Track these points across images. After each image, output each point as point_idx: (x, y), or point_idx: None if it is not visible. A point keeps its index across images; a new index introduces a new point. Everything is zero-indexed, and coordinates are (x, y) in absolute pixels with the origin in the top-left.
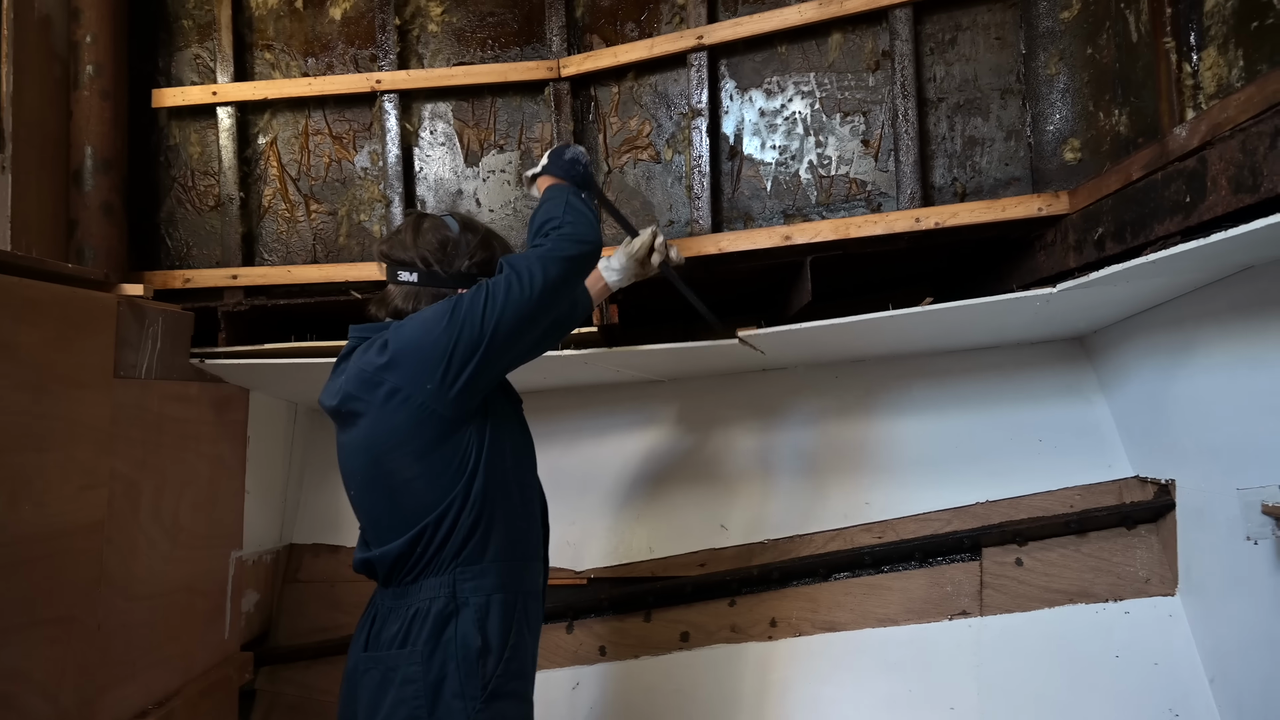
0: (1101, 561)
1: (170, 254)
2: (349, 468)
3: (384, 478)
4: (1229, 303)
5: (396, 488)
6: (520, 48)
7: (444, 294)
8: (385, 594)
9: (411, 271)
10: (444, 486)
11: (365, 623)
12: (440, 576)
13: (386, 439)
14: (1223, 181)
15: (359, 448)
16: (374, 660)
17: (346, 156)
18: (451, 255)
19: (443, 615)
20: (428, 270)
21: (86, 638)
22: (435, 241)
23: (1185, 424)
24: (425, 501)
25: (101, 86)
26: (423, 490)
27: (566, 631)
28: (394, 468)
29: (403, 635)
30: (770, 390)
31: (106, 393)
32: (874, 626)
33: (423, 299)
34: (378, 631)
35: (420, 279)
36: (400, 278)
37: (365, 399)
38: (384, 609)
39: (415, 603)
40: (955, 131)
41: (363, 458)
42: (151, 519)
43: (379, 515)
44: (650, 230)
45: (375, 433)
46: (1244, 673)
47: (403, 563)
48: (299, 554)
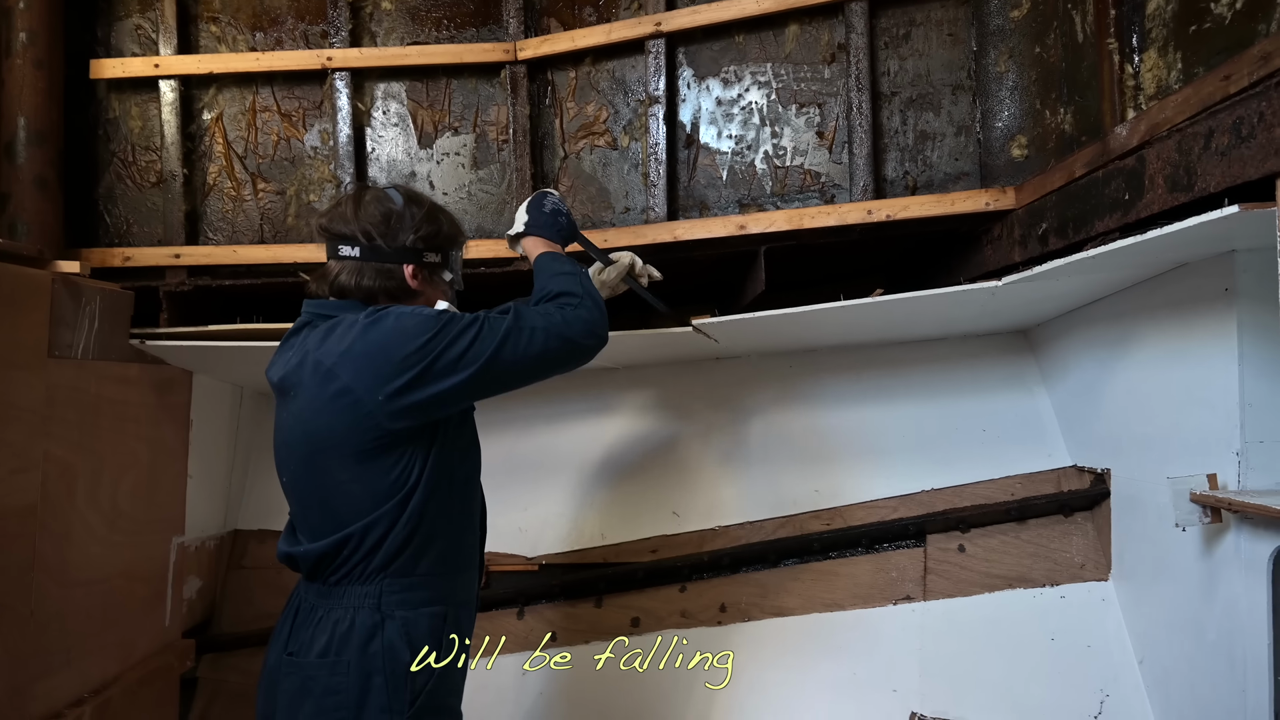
0: (1040, 548)
1: (109, 231)
2: (284, 451)
3: (318, 473)
4: (1164, 298)
5: (329, 486)
6: (476, 29)
7: (389, 269)
8: (309, 589)
9: (353, 246)
10: (379, 496)
11: (288, 615)
12: (367, 585)
13: (326, 436)
14: (1159, 180)
15: (297, 437)
16: (294, 666)
17: (296, 135)
18: (395, 229)
19: (369, 627)
20: (370, 244)
21: (19, 625)
22: (378, 214)
23: (1121, 415)
24: (357, 507)
25: (35, 55)
26: (357, 495)
27: (518, 617)
28: (329, 465)
29: (325, 645)
30: (724, 378)
31: (40, 373)
32: (821, 611)
33: (366, 274)
34: (299, 631)
35: (362, 253)
36: (341, 252)
37: (312, 388)
38: (306, 605)
39: (340, 610)
40: (908, 126)
41: (300, 448)
42: (88, 503)
43: (308, 509)
44: (628, 257)
45: (315, 426)
46: (1170, 654)
47: (326, 563)
48: (244, 540)
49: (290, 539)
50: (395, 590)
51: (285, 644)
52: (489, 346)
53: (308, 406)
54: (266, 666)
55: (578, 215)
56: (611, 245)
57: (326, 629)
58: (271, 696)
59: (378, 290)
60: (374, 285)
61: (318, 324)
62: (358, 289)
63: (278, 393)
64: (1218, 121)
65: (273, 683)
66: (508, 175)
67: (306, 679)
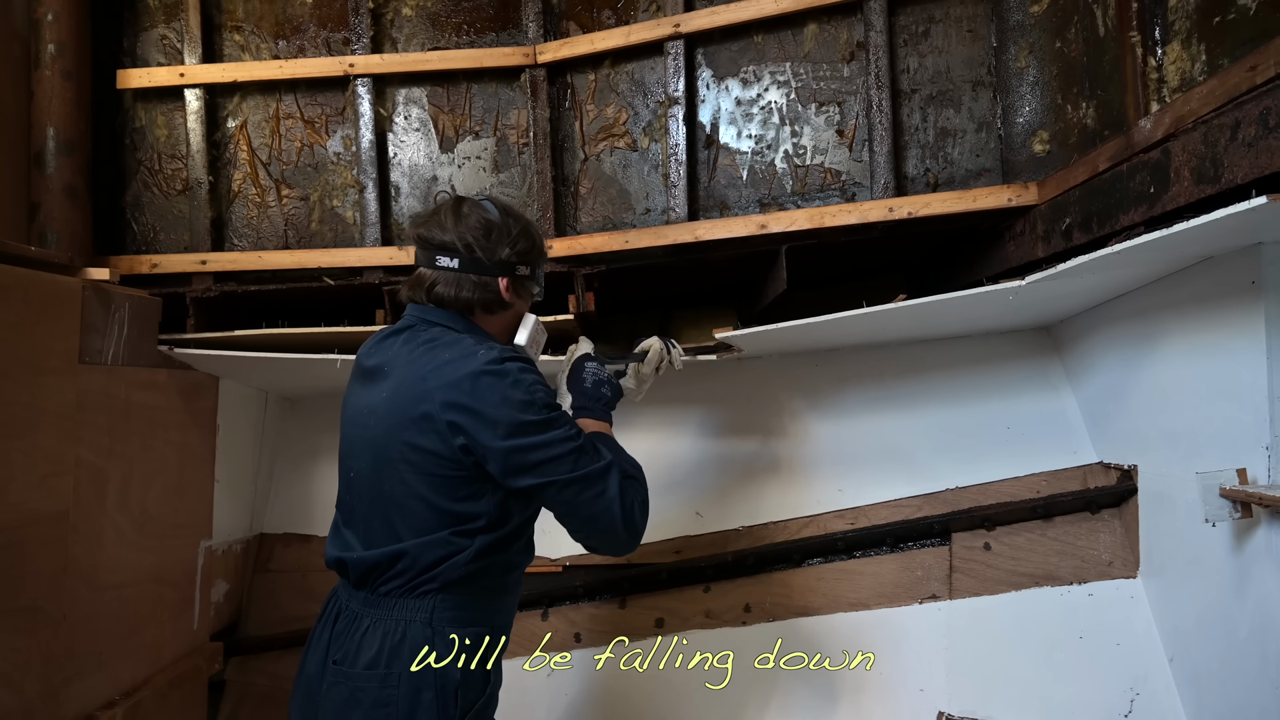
0: (1066, 545)
1: (136, 238)
2: (359, 445)
3: (389, 479)
4: (1190, 293)
5: (398, 495)
6: (496, 33)
7: (485, 281)
8: (354, 596)
9: (452, 256)
10: (445, 520)
11: (327, 621)
12: (420, 600)
13: (407, 449)
14: (1185, 173)
15: (376, 434)
16: (342, 676)
17: (319, 141)
18: (495, 242)
19: (420, 641)
20: (470, 256)
21: (52, 628)
22: (478, 226)
23: (1147, 411)
24: (419, 524)
25: (64, 66)
26: (421, 512)
27: (542, 619)
28: (403, 475)
29: (375, 658)
30: (745, 379)
31: (71, 379)
32: (846, 611)
33: (464, 286)
34: (345, 639)
35: (461, 265)
36: (439, 263)
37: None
38: (350, 612)
39: (389, 621)
40: (928, 123)
41: (377, 447)
42: (118, 508)
43: (371, 509)
44: (656, 350)
45: (399, 435)
46: (1202, 651)
47: (378, 574)
48: (270, 544)
49: (340, 542)
50: (448, 608)
51: (326, 651)
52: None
53: (396, 413)
54: (305, 674)
55: (598, 217)
56: (633, 246)
57: (376, 640)
58: (311, 704)
59: (475, 302)
60: (472, 297)
61: (422, 329)
62: (456, 300)
63: (363, 376)
64: (1244, 112)
65: (312, 691)
66: (528, 178)
67: (355, 690)
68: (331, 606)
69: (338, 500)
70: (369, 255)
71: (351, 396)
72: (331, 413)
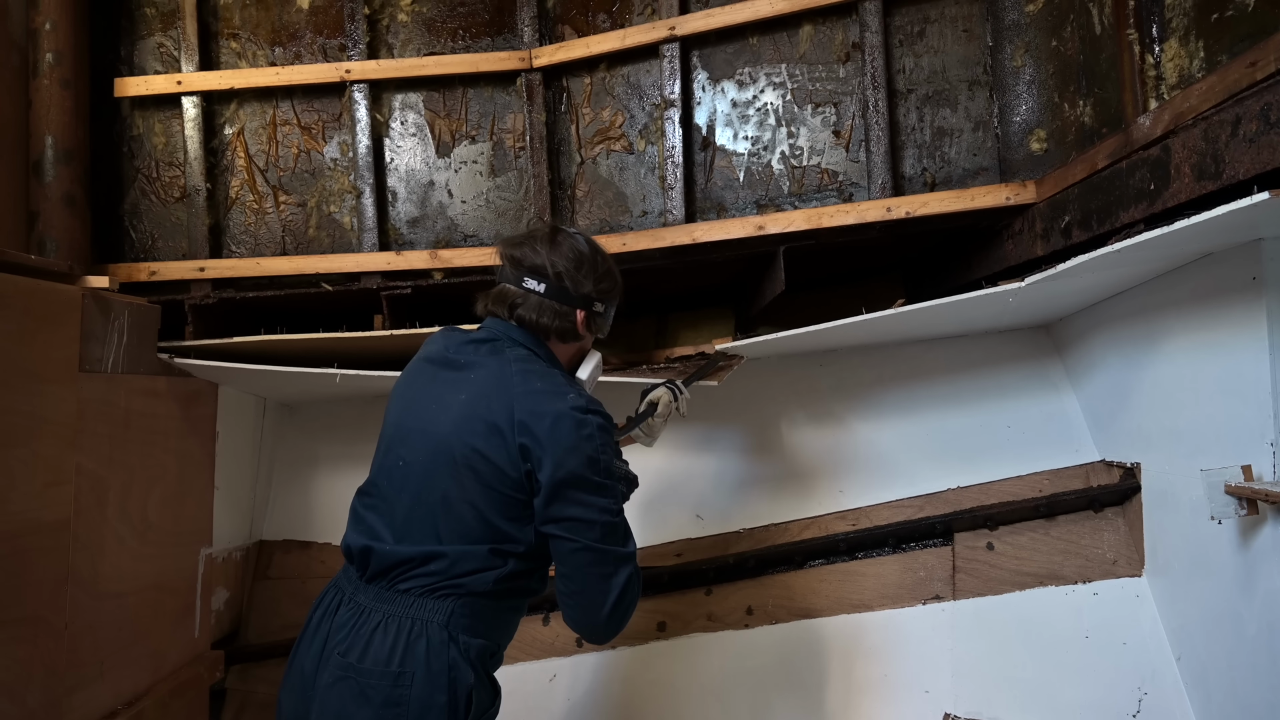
0: (1070, 544)
1: (135, 246)
2: (419, 437)
3: (444, 479)
4: (1190, 290)
5: (452, 495)
6: (491, 38)
7: (565, 311)
8: (365, 590)
9: (540, 281)
10: (489, 534)
11: (326, 612)
12: (440, 602)
13: (471, 454)
14: (1186, 169)
15: (445, 431)
16: (351, 671)
17: (316, 147)
18: (584, 275)
19: (439, 645)
20: (558, 285)
21: (53, 637)
22: (571, 256)
23: (1149, 408)
24: (464, 532)
25: (62, 75)
26: (470, 520)
27: (543, 623)
28: (464, 479)
29: (389, 655)
30: (745, 381)
31: (72, 387)
32: (849, 612)
33: (546, 312)
34: (350, 633)
35: (547, 290)
36: (527, 284)
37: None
38: (357, 606)
39: (406, 619)
40: (924, 122)
41: (437, 444)
42: (119, 516)
43: (412, 505)
44: (666, 402)
45: (472, 441)
46: (1209, 650)
47: (405, 569)
48: (269, 550)
49: (365, 529)
50: (465, 615)
51: (325, 644)
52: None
53: (473, 418)
54: (298, 665)
55: (595, 220)
56: (630, 249)
57: (389, 636)
58: (304, 697)
59: (553, 329)
60: (551, 324)
61: (507, 345)
62: (536, 324)
63: (439, 368)
64: (1245, 108)
65: (306, 684)
66: (525, 182)
67: (365, 687)
68: (331, 598)
69: (369, 485)
70: (367, 261)
71: (416, 387)
72: (330, 418)
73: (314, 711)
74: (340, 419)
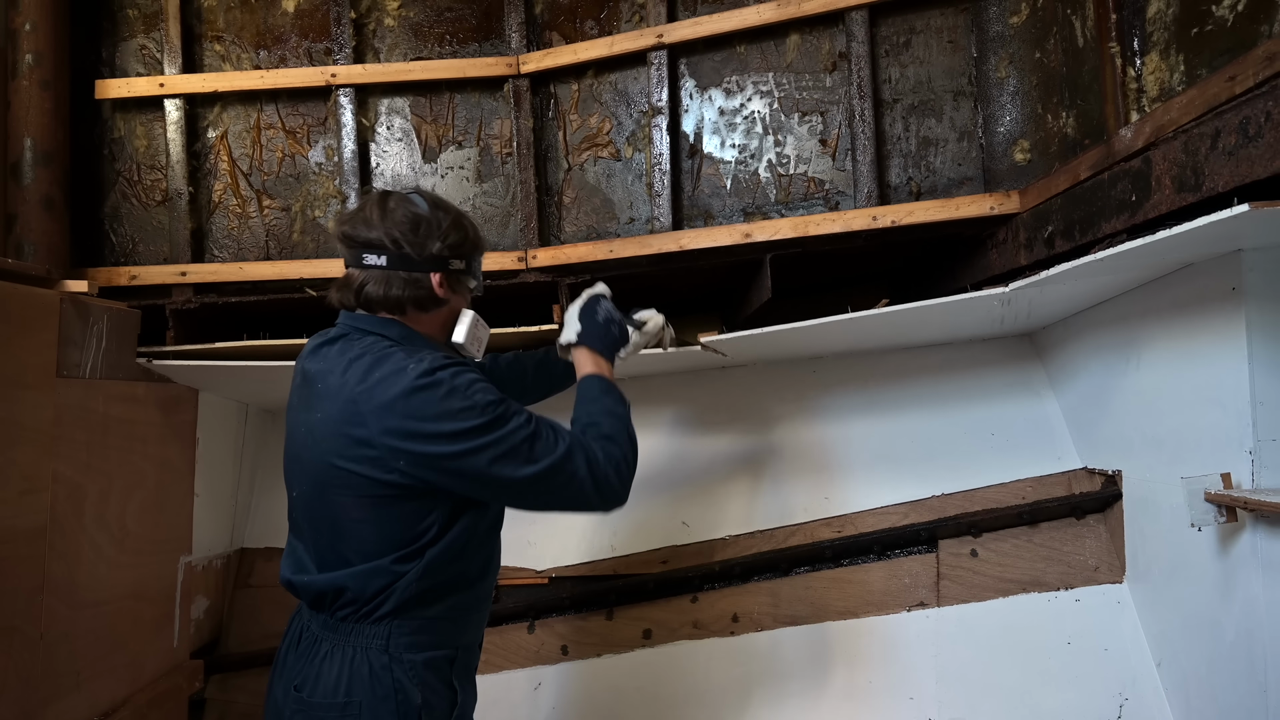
0: (1053, 551)
1: (115, 250)
2: (295, 465)
3: (329, 505)
4: (1170, 299)
5: (340, 519)
6: (479, 44)
7: (416, 278)
8: (315, 618)
9: (379, 254)
10: (392, 542)
11: (291, 642)
12: (376, 625)
13: (341, 473)
14: (1167, 181)
15: (312, 457)
16: (302, 705)
17: (300, 151)
18: (424, 236)
19: (379, 669)
20: (398, 252)
21: (29, 647)
22: (405, 221)
23: (1130, 417)
24: (366, 549)
25: (41, 76)
26: (368, 537)
27: (528, 631)
28: (341, 500)
29: (335, 686)
30: (730, 388)
31: (49, 393)
32: (835, 619)
33: (394, 284)
34: (300, 663)
35: (389, 262)
36: (366, 261)
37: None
38: (310, 635)
39: (348, 648)
40: (910, 132)
41: (313, 471)
42: (97, 524)
43: (319, 532)
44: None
45: (331, 459)
46: (1189, 655)
47: (331, 599)
48: (250, 558)
49: (293, 563)
50: (404, 633)
51: (286, 677)
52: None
53: (330, 437)
54: (273, 699)
55: (582, 227)
56: (617, 256)
57: (335, 666)
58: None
59: (406, 300)
60: (402, 295)
61: (355, 338)
62: (385, 300)
63: (302, 386)
64: (1224, 122)
65: (281, 714)
66: (512, 188)
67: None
68: (295, 627)
69: (289, 516)
70: None
71: (290, 411)
72: None
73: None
74: None
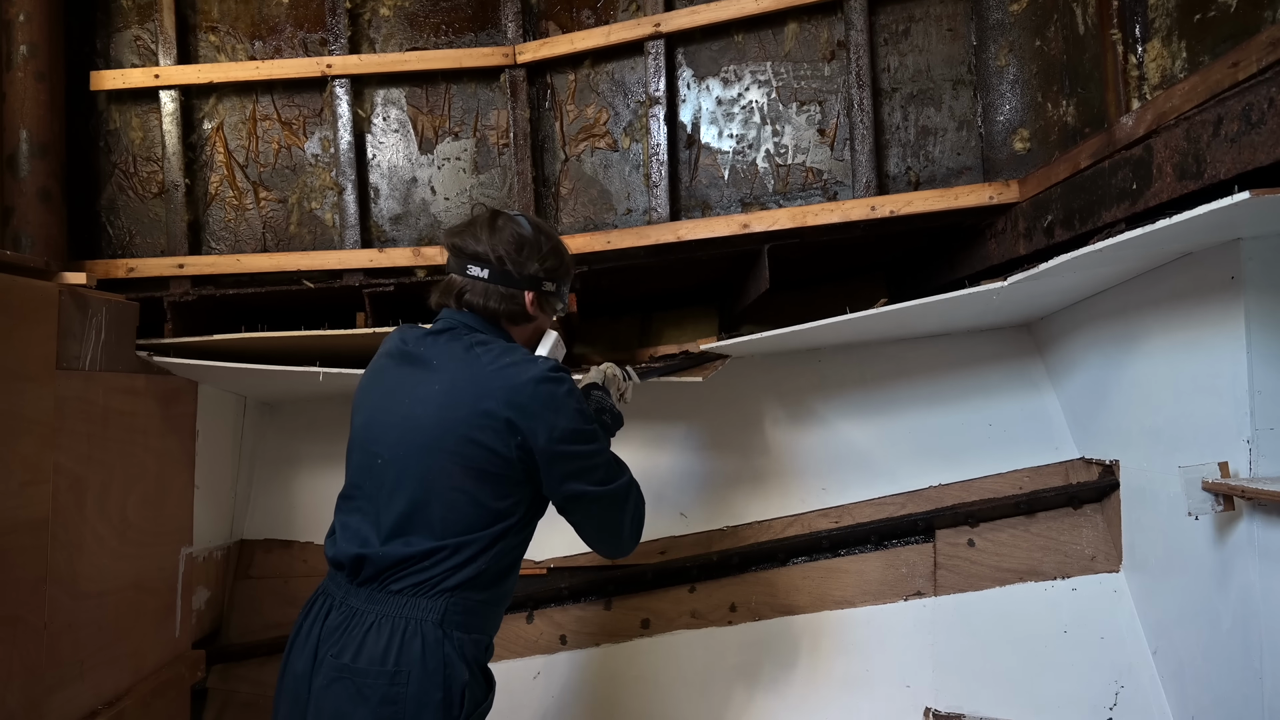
0: (1050, 541)
1: (112, 242)
2: (394, 432)
3: (434, 472)
4: (1169, 289)
5: (441, 488)
6: (475, 34)
7: (512, 293)
8: (355, 593)
9: (483, 267)
10: (483, 517)
11: (316, 618)
12: (434, 600)
13: (455, 441)
14: (1168, 169)
15: (426, 424)
16: (346, 672)
17: (296, 143)
18: (526, 257)
19: (433, 643)
20: (501, 269)
21: (33, 637)
22: (511, 239)
23: (1128, 407)
24: (461, 521)
25: (36, 68)
26: (464, 507)
27: (527, 621)
28: (450, 469)
29: (384, 654)
30: (729, 379)
31: (49, 385)
32: (832, 609)
33: (492, 296)
34: (342, 635)
35: (491, 275)
36: (470, 271)
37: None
38: (348, 609)
39: (399, 619)
40: (909, 121)
41: (420, 437)
42: (98, 515)
43: (393, 501)
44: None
45: (454, 428)
46: (1185, 643)
47: (402, 568)
48: (250, 550)
49: (354, 536)
50: (458, 611)
51: (317, 649)
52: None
53: (454, 405)
54: (292, 673)
55: (580, 218)
56: (615, 247)
57: (384, 635)
58: (299, 704)
59: (501, 313)
60: (498, 308)
61: (463, 332)
62: (483, 309)
63: (404, 362)
64: (1227, 108)
65: (300, 690)
66: (509, 179)
67: (361, 686)
68: (320, 605)
69: (349, 488)
70: (349, 258)
71: (385, 383)
72: (311, 417)
73: (310, 713)
74: (321, 418)
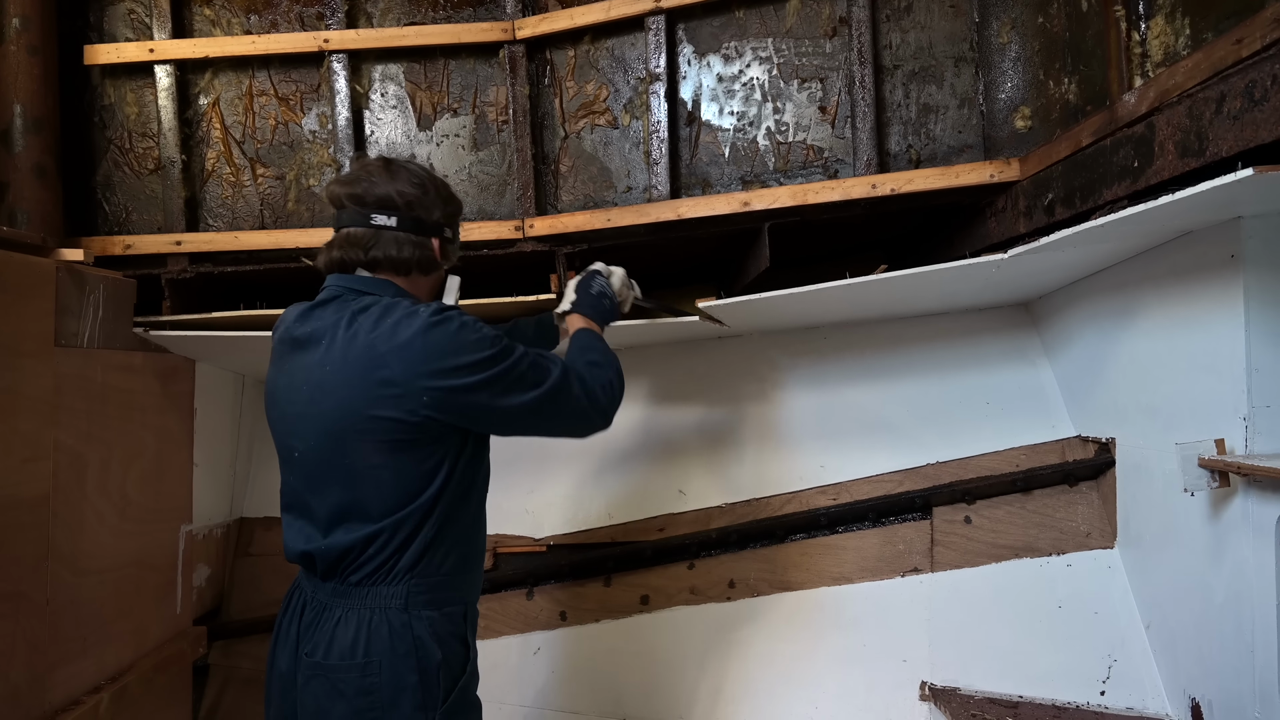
0: (1045, 517)
1: (108, 219)
2: (300, 423)
3: (346, 453)
4: (1168, 267)
5: (358, 470)
6: (474, 8)
7: (422, 241)
8: (321, 588)
9: (391, 214)
10: (411, 488)
11: (293, 614)
12: (394, 586)
13: (363, 418)
14: (1170, 146)
15: (326, 409)
16: (320, 669)
17: (294, 119)
18: (432, 202)
19: (399, 626)
20: (410, 215)
21: (35, 614)
22: (415, 182)
23: (1125, 384)
24: (388, 499)
25: (29, 41)
26: (388, 483)
27: (527, 598)
28: (360, 448)
29: (352, 647)
30: (727, 357)
31: (48, 362)
32: (829, 585)
33: (405, 245)
34: (315, 632)
35: (400, 223)
36: (376, 221)
37: (356, 369)
38: (317, 604)
39: (364, 610)
40: (910, 99)
41: (328, 422)
42: (99, 492)
43: (324, 492)
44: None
45: (352, 405)
46: (1178, 618)
47: (350, 560)
48: (250, 527)
49: (300, 536)
50: (420, 591)
51: (297, 646)
52: (532, 394)
53: (348, 383)
54: (277, 671)
55: (579, 196)
56: (615, 225)
57: (350, 629)
58: (287, 701)
59: (414, 261)
60: (411, 256)
61: (350, 298)
62: (395, 260)
63: (293, 349)
64: (1229, 86)
65: (286, 688)
66: (508, 156)
67: (336, 682)
68: (296, 600)
69: (283, 485)
70: None
71: (281, 375)
72: None
73: (298, 708)
74: None
